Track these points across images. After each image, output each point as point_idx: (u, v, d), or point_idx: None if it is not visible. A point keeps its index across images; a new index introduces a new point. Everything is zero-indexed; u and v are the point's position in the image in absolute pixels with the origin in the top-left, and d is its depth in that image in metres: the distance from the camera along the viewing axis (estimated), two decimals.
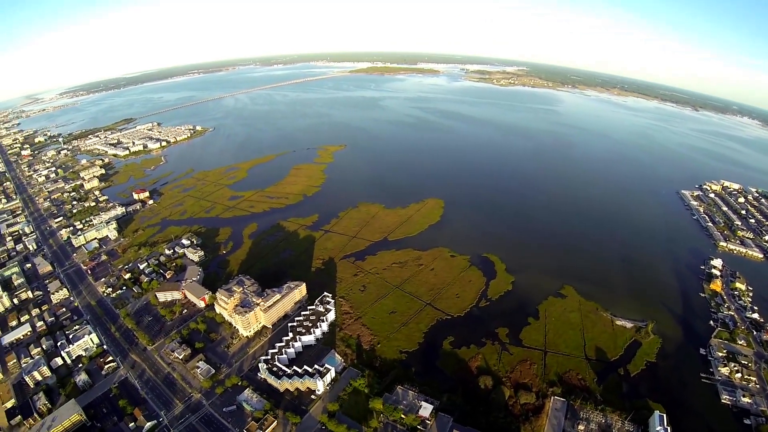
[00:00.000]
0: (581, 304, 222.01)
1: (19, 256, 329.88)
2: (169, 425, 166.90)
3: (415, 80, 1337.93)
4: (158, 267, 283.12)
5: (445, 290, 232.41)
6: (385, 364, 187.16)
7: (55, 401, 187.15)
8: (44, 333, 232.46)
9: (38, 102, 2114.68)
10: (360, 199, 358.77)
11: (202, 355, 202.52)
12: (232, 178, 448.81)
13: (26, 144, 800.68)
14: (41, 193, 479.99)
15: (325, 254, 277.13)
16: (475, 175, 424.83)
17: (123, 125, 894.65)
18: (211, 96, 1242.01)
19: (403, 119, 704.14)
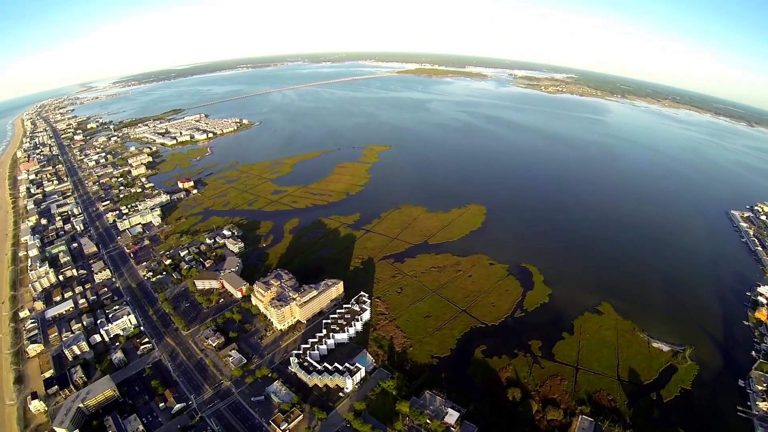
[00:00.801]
0: (618, 323, 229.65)
1: (67, 235, 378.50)
2: (198, 409, 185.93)
3: (462, 84, 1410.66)
4: (198, 255, 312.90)
5: (482, 298, 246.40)
6: (415, 367, 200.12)
7: (90, 375, 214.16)
8: (86, 310, 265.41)
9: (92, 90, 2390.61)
10: (403, 200, 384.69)
11: (235, 344, 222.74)
12: (277, 173, 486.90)
13: (79, 130, 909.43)
14: (91, 177, 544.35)
15: (364, 254, 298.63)
16: (518, 183, 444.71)
17: (171, 115, 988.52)
18: (258, 90, 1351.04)
19: (450, 123, 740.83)
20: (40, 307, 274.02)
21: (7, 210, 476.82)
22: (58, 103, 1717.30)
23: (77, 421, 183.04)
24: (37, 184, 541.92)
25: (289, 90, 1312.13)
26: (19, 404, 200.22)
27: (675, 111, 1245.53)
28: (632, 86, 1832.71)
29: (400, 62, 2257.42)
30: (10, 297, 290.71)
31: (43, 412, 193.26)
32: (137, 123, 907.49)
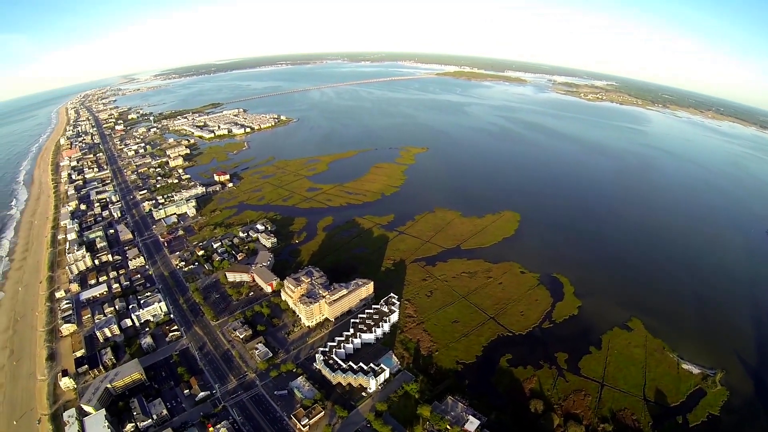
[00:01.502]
0: (647, 340, 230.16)
1: (105, 221, 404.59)
2: (221, 398, 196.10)
3: (501, 88, 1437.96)
4: (231, 248, 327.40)
5: (511, 306, 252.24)
6: (439, 372, 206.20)
7: (119, 358, 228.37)
8: (118, 295, 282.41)
9: (134, 82, 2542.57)
10: (437, 203, 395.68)
11: (262, 337, 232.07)
12: (312, 170, 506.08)
13: (120, 120, 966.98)
14: (130, 166, 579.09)
15: (396, 255, 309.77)
16: (553, 192, 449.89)
17: (210, 109, 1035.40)
18: (297, 87, 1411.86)
19: (487, 127, 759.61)
20: (75, 288, 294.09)
21: (49, 194, 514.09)
22: (101, 94, 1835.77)
23: (104, 400, 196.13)
24: (78, 171, 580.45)
25: (327, 88, 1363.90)
26: (50, 380, 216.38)
27: (718, 123, 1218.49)
28: (675, 96, 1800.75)
29: (440, 64, 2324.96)
30: (47, 277, 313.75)
31: (72, 390, 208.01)
32: (176, 115, 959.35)
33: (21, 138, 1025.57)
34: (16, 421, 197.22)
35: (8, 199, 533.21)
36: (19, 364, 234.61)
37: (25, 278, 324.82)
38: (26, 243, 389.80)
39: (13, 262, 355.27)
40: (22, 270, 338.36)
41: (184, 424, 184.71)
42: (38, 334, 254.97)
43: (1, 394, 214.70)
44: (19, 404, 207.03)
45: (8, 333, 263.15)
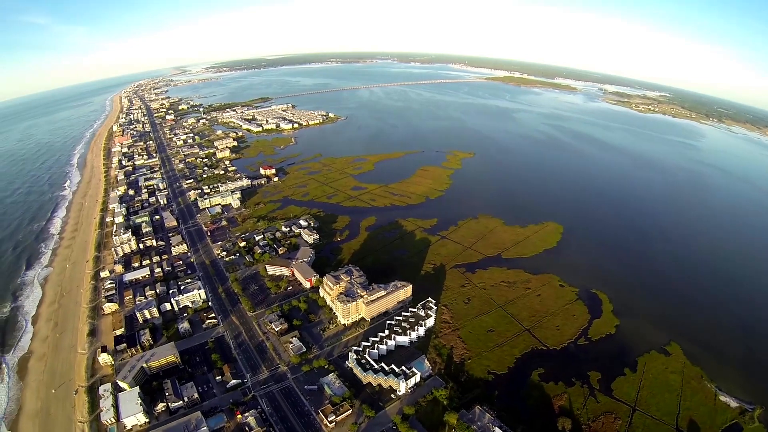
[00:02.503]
0: (685, 367, 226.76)
1: (151, 207, 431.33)
2: (252, 387, 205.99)
3: (550, 95, 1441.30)
4: (273, 242, 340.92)
5: (547, 320, 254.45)
6: (470, 380, 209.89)
7: (156, 339, 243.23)
8: (160, 279, 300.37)
9: (185, 73, 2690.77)
10: (481, 210, 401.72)
11: (297, 332, 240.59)
12: (359, 169, 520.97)
13: (171, 110, 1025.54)
14: (178, 155, 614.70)
15: (437, 260, 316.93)
16: (599, 205, 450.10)
17: (259, 103, 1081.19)
18: (346, 86, 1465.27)
19: (534, 135, 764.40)
20: (119, 270, 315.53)
21: (100, 178, 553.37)
22: (154, 84, 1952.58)
23: (139, 378, 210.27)
24: (128, 157, 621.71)
25: (377, 87, 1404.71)
26: (89, 354, 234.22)
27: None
28: (731, 110, 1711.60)
29: (489, 68, 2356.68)
30: (93, 257, 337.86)
31: (110, 365, 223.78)
32: (226, 108, 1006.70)
33: (77, 123, 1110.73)
34: (54, 389, 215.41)
35: (62, 180, 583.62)
36: (61, 336, 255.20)
37: (72, 256, 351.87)
38: (76, 223, 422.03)
39: (62, 240, 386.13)
40: (71, 248, 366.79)
41: (213, 409, 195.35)
42: (82, 310, 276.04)
43: (43, 362, 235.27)
44: (59, 374, 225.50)
45: (54, 306, 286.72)
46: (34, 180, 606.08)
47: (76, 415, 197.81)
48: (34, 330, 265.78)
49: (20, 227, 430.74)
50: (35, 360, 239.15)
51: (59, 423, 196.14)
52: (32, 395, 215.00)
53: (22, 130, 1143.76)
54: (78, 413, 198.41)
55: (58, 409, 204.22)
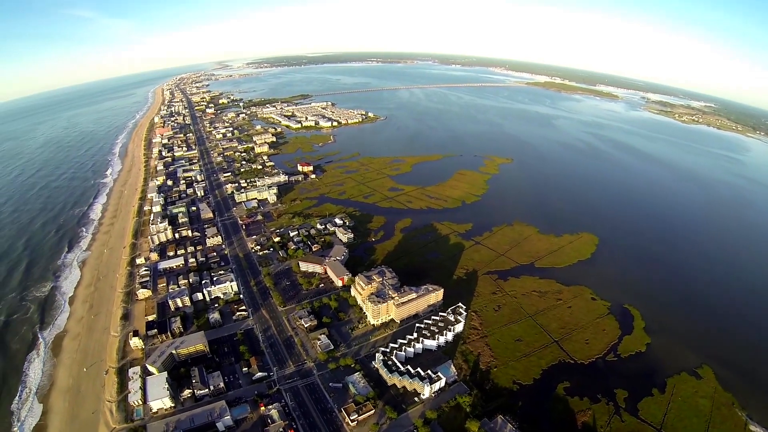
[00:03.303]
0: (716, 392, 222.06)
1: (188, 198, 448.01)
2: (277, 381, 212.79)
3: (591, 102, 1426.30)
4: (307, 238, 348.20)
5: (577, 333, 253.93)
6: (495, 389, 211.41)
7: (187, 328, 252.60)
8: (194, 269, 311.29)
9: (227, 68, 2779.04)
10: (517, 217, 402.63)
11: (326, 329, 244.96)
12: (396, 170, 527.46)
13: (211, 103, 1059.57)
14: (217, 148, 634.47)
15: (470, 265, 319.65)
16: (636, 217, 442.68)
17: (299, 100, 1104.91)
18: (386, 86, 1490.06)
19: (573, 143, 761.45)
20: (154, 258, 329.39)
21: (140, 168, 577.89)
22: (195, 78, 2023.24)
23: (167, 364, 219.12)
24: (168, 149, 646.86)
25: (417, 89, 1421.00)
26: (121, 337, 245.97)
27: None
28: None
29: (530, 73, 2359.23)
30: (130, 244, 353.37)
31: (140, 349, 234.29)
32: (265, 103, 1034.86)
33: (120, 113, 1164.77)
34: (86, 368, 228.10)
35: (104, 168, 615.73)
36: (96, 318, 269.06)
37: (110, 242, 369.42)
38: (115, 210, 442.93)
39: (102, 226, 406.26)
40: (109, 234, 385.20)
41: (237, 399, 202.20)
42: (116, 294, 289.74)
43: (77, 342, 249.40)
44: (91, 354, 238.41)
45: (90, 289, 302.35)
46: (78, 166, 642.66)
47: (105, 394, 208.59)
48: (70, 310, 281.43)
49: (63, 211, 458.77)
50: (70, 339, 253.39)
51: (88, 400, 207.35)
52: (65, 372, 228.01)
53: (68, 118, 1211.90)
54: (107, 393, 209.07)
55: (88, 387, 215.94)
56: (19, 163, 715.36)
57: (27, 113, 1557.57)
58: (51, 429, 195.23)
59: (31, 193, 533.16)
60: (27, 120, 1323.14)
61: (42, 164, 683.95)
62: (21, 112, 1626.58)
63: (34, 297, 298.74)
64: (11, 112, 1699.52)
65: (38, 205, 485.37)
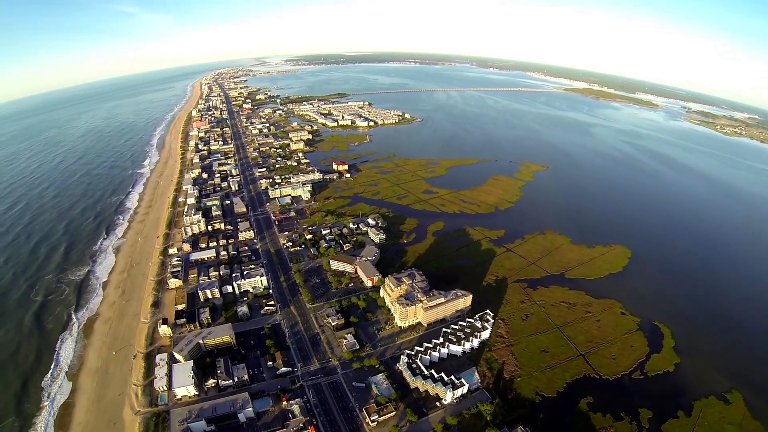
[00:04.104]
0: (744, 419, 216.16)
1: (222, 192, 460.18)
2: (301, 377, 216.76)
3: (629, 111, 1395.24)
4: (339, 237, 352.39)
5: (604, 347, 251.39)
6: (517, 399, 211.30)
7: (215, 319, 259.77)
8: (225, 262, 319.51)
9: (265, 65, 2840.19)
10: (549, 226, 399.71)
11: (352, 329, 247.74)
12: (431, 173, 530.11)
13: (249, 99, 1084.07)
14: (252, 143, 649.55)
15: (500, 272, 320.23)
16: (672, 232, 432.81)
17: (336, 98, 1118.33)
18: (424, 87, 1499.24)
19: (610, 152, 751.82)
20: (187, 248, 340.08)
21: (176, 160, 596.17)
22: (233, 73, 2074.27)
23: (194, 353, 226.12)
24: (204, 142, 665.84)
25: (454, 91, 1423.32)
26: (150, 324, 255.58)
27: None
28: None
29: (568, 79, 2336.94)
30: (164, 234, 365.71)
31: (168, 337, 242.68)
32: (302, 101, 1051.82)
33: (159, 106, 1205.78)
34: (115, 351, 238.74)
35: (142, 159, 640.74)
36: (127, 304, 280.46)
37: (145, 231, 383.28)
38: (151, 200, 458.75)
39: (137, 215, 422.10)
40: (144, 223, 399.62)
41: (260, 392, 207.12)
42: (148, 282, 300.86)
43: (108, 325, 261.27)
44: (121, 338, 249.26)
45: (123, 276, 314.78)
46: (118, 156, 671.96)
47: (132, 378, 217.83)
48: (103, 294, 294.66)
49: (102, 198, 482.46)
50: (101, 322, 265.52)
51: (115, 382, 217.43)
52: (94, 353, 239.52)
53: (108, 109, 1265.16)
54: (134, 376, 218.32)
55: (116, 369, 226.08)
56: (61, 150, 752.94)
57: (70, 103, 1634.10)
58: (78, 407, 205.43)
59: (72, 180, 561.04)
60: (69, 110, 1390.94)
61: (83, 152, 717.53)
62: (64, 102, 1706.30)
63: (70, 280, 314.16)
64: (54, 102, 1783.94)
65: (79, 191, 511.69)
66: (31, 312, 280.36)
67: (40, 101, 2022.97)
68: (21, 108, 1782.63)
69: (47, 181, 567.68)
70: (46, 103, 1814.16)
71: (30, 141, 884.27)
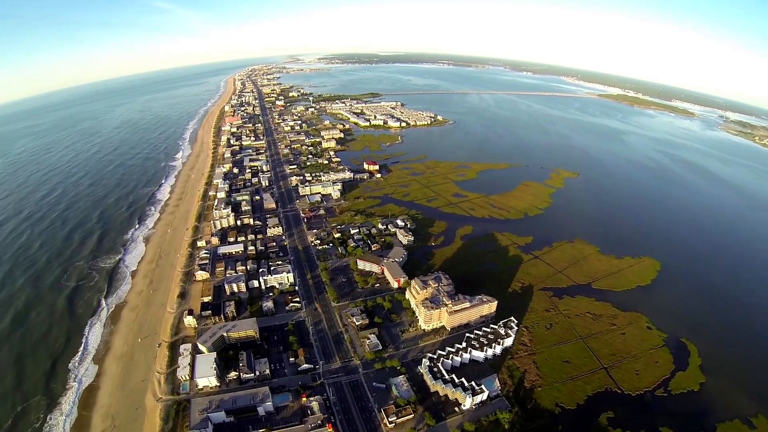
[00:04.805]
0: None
1: (252, 187, 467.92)
2: (322, 375, 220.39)
3: (664, 119, 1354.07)
4: (367, 237, 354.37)
5: (627, 362, 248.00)
6: (536, 409, 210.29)
7: (240, 313, 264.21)
8: (252, 257, 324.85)
9: (298, 62, 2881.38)
10: (578, 234, 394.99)
11: (376, 329, 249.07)
12: (462, 176, 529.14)
13: (281, 96, 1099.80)
14: (284, 140, 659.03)
15: (526, 279, 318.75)
16: (704, 245, 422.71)
17: (368, 98, 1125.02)
18: (456, 89, 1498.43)
19: (643, 161, 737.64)
20: (215, 242, 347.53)
21: (208, 154, 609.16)
22: (267, 70, 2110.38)
23: (217, 345, 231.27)
24: (236, 137, 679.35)
25: (487, 94, 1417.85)
26: (176, 314, 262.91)
27: None
28: None
29: (602, 85, 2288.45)
30: (193, 227, 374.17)
31: (193, 328, 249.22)
32: (335, 99, 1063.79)
33: (192, 100, 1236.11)
34: (141, 339, 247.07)
35: (175, 151, 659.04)
36: (155, 293, 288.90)
37: (174, 222, 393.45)
38: (182, 192, 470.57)
39: (168, 207, 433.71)
40: (174, 215, 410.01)
41: (281, 387, 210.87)
42: (176, 273, 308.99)
43: (135, 313, 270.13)
44: (147, 326, 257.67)
45: (152, 265, 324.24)
46: (152, 148, 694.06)
47: (156, 365, 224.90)
48: (132, 283, 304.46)
49: (136, 189, 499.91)
50: (128, 310, 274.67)
51: (139, 369, 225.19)
52: (121, 339, 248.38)
53: (143, 102, 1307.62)
54: (157, 364, 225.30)
55: (140, 356, 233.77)
56: (97, 141, 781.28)
57: (105, 96, 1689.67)
58: (103, 390, 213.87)
59: (107, 170, 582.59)
60: (105, 102, 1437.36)
61: (118, 143, 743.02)
62: (99, 95, 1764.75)
63: (101, 267, 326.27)
64: (91, 95, 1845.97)
65: (113, 181, 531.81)
66: (63, 296, 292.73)
67: (77, 93, 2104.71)
68: (59, 99, 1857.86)
69: (83, 170, 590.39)
70: (83, 96, 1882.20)
71: (67, 131, 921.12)
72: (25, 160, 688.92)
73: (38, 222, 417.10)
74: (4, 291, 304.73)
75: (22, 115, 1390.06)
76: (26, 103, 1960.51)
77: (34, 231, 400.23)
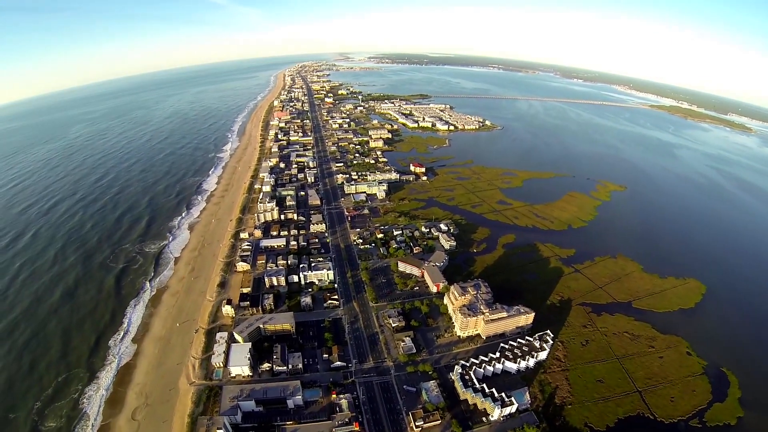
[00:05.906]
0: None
1: (298, 183, 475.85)
2: (354, 373, 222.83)
3: (719, 134, 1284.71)
4: (410, 239, 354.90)
5: (663, 387, 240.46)
6: (564, 427, 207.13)
7: (278, 306, 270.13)
8: (293, 252, 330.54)
9: (348, 60, 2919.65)
10: (621, 250, 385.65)
11: (412, 332, 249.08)
12: (507, 183, 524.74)
13: (330, 93, 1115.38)
14: (332, 138, 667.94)
15: (565, 293, 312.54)
16: (753, 271, 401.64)
17: (418, 99, 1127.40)
18: (506, 94, 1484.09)
19: (694, 177, 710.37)
20: (258, 234, 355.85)
21: (255, 147, 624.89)
22: (317, 67, 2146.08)
23: (253, 336, 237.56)
24: (284, 132, 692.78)
25: (536, 101, 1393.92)
26: (215, 302, 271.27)
27: None
28: None
29: (655, 95, 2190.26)
30: (237, 218, 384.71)
31: (231, 317, 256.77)
32: (384, 99, 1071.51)
33: (242, 94, 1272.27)
34: (179, 323, 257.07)
35: (223, 143, 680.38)
36: (195, 281, 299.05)
37: (219, 213, 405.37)
38: (228, 184, 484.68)
39: (213, 197, 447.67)
40: (219, 206, 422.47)
41: (312, 382, 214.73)
42: (217, 263, 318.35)
43: (175, 299, 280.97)
44: (186, 312, 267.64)
45: (194, 253, 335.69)
46: (201, 139, 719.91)
47: (192, 350, 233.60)
48: (175, 269, 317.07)
49: (184, 177, 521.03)
50: (169, 294, 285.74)
51: (176, 352, 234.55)
52: (160, 322, 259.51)
53: (193, 94, 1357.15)
54: (193, 349, 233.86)
55: (177, 340, 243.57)
56: (149, 129, 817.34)
57: (158, 86, 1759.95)
58: (139, 369, 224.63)
59: (158, 158, 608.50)
60: (157, 92, 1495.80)
61: (169, 133, 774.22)
62: (153, 85, 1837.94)
63: (146, 251, 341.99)
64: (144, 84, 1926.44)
65: (163, 169, 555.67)
66: (110, 276, 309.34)
67: (132, 83, 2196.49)
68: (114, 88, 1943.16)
69: (135, 156, 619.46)
70: (136, 86, 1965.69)
71: (120, 119, 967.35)
72: (81, 145, 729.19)
73: (91, 204, 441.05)
74: (56, 267, 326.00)
75: (79, 102, 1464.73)
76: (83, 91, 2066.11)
77: (86, 212, 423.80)
